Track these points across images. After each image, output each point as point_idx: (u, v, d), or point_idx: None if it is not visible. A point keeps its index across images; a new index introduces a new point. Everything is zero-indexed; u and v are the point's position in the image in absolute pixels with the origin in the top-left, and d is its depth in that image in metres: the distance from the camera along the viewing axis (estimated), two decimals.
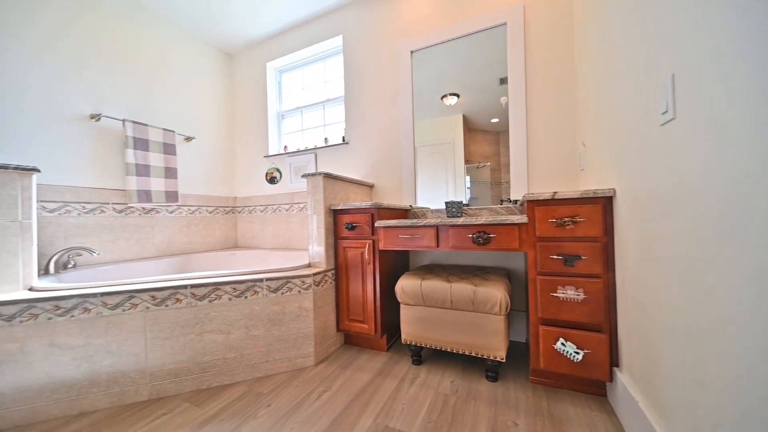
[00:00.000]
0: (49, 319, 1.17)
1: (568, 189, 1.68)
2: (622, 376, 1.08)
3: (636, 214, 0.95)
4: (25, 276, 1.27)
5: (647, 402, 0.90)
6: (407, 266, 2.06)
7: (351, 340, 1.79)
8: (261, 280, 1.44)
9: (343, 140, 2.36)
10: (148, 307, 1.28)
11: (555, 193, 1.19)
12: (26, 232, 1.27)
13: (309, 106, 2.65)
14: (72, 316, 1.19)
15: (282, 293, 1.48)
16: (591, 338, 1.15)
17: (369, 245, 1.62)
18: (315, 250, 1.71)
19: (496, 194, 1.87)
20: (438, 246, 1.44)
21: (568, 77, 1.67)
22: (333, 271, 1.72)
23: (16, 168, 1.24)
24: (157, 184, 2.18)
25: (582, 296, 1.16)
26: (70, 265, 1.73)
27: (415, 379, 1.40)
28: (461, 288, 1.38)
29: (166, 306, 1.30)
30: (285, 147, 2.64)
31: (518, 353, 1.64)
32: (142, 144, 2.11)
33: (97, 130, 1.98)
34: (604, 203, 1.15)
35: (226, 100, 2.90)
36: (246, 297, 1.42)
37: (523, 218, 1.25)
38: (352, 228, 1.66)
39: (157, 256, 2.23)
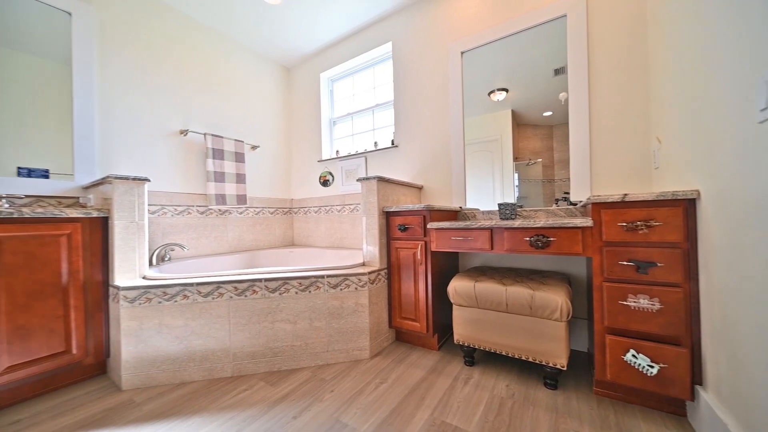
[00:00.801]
0: (159, 302, 1.42)
1: (637, 189, 1.55)
2: (706, 396, 0.98)
3: (726, 218, 0.86)
4: (140, 267, 1.55)
5: (739, 426, 0.82)
6: (457, 267, 2.06)
7: (402, 337, 1.86)
8: (322, 276, 1.58)
9: (392, 144, 2.44)
10: (231, 297, 1.48)
11: (625, 195, 1.12)
12: (141, 230, 1.55)
13: (359, 112, 2.78)
14: (175, 301, 1.43)
15: (341, 289, 1.60)
16: (668, 352, 1.06)
17: (421, 246, 1.66)
18: (369, 250, 1.81)
19: (548, 192, 1.79)
20: (492, 248, 1.44)
21: (638, 65, 1.54)
22: (386, 270, 1.80)
23: (135, 179, 1.52)
24: (230, 188, 2.47)
25: (657, 306, 1.08)
26: (166, 258, 2.06)
27: (468, 379, 1.42)
28: (518, 292, 1.36)
29: (245, 296, 1.50)
30: (337, 152, 2.80)
31: (579, 362, 1.57)
32: (218, 154, 2.41)
33: (184, 143, 2.31)
34: (686, 206, 1.05)
35: (284, 110, 3.16)
36: (310, 291, 1.56)
37: (587, 221, 1.20)
38: (404, 229, 1.73)
39: (230, 252, 2.53)
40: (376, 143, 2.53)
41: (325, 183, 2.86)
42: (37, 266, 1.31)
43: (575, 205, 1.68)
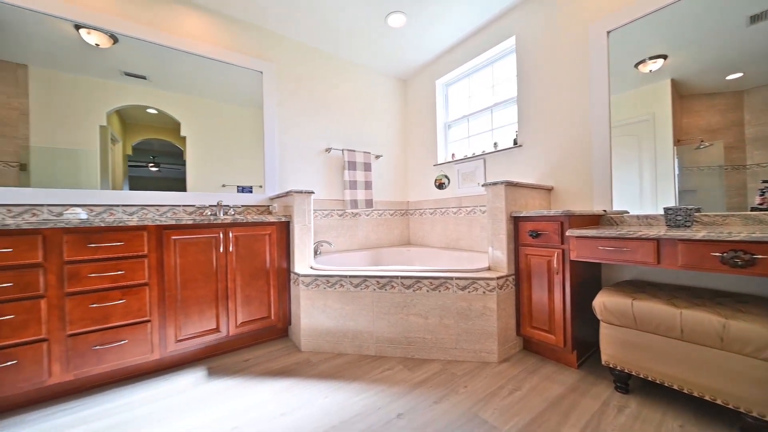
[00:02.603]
0: (324, 288, 1.82)
1: None
2: None
3: None
4: (309, 259, 2.02)
5: None
6: (598, 279, 1.82)
7: (532, 347, 1.78)
8: (451, 278, 1.68)
9: (515, 143, 2.33)
10: (374, 290, 1.76)
11: None
12: (309, 231, 2.02)
13: (475, 113, 2.76)
14: (334, 288, 1.81)
15: (468, 292, 1.67)
16: None
17: (558, 254, 1.56)
18: (495, 255, 1.81)
19: (734, 183, 1.37)
20: (658, 263, 1.23)
21: None
22: (514, 277, 1.76)
23: (306, 192, 1.99)
24: (360, 194, 2.88)
25: None
26: (318, 252, 2.59)
27: (623, 408, 1.27)
28: (700, 318, 1.12)
29: (386, 290, 1.75)
30: (452, 155, 2.86)
31: None
32: (352, 165, 2.84)
33: (327, 159, 2.83)
34: None
35: (402, 120, 3.43)
36: (439, 291, 1.70)
37: None
38: (536, 235, 1.65)
39: (359, 249, 2.95)
40: (496, 144, 2.47)
41: (440, 186, 2.97)
42: (254, 256, 1.89)
43: None
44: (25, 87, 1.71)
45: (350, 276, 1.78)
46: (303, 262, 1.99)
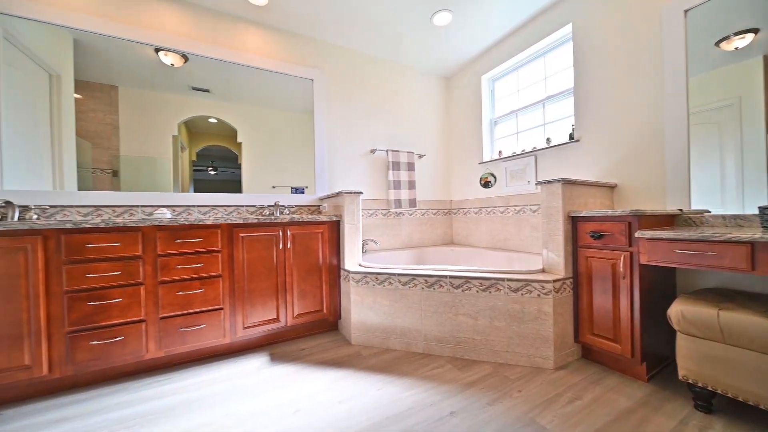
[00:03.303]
0: (373, 285, 1.89)
1: None
2: None
3: None
4: (357, 257, 2.10)
5: None
6: (672, 285, 1.65)
7: (593, 356, 1.67)
8: (503, 279, 1.64)
9: (571, 138, 2.19)
10: (422, 288, 1.79)
11: None
12: (358, 230, 2.10)
13: (524, 108, 2.63)
14: (383, 285, 1.87)
15: (521, 294, 1.62)
16: None
17: (624, 257, 1.44)
18: (549, 257, 1.72)
19: None
20: (753, 269, 1.08)
21: None
22: (571, 280, 1.67)
23: (355, 192, 2.07)
24: (404, 194, 2.92)
25: None
26: (364, 251, 2.67)
27: (705, 429, 1.14)
28: None
29: (434, 289, 1.77)
30: (499, 152, 2.77)
31: None
32: (396, 165, 2.89)
33: (372, 159, 2.91)
34: None
35: (444, 118, 3.40)
36: (490, 292, 1.67)
37: None
38: (598, 237, 1.55)
39: (402, 248, 2.99)
40: (548, 140, 2.34)
41: (486, 184, 2.89)
42: (308, 253, 2.02)
43: None
44: (116, 105, 2.01)
45: (399, 274, 1.83)
46: (352, 260, 2.08)
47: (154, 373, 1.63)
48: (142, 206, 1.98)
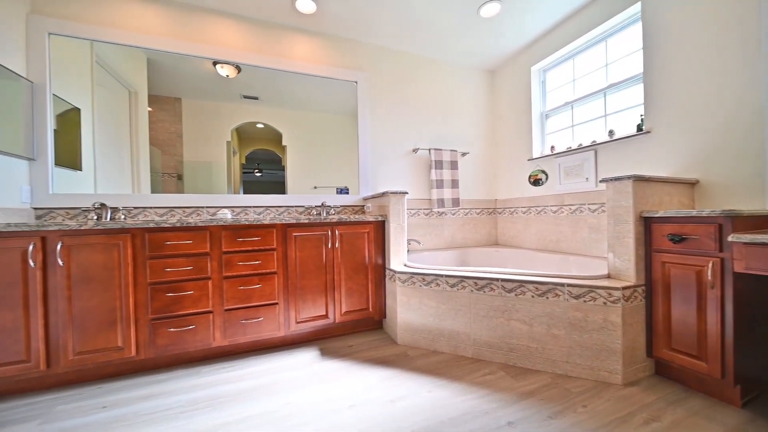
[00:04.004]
0: (420, 286, 1.87)
1: None
2: None
3: None
4: (402, 257, 2.10)
5: None
6: None
7: (669, 374, 1.50)
8: (563, 285, 1.53)
9: (639, 129, 1.97)
10: (472, 291, 1.73)
11: None
12: (403, 230, 2.10)
13: (582, 99, 2.43)
14: (430, 286, 1.85)
15: (584, 301, 1.50)
16: None
17: (714, 264, 1.27)
18: (616, 261, 1.57)
19: None
20: None
21: None
22: (643, 287, 1.51)
23: (401, 192, 2.07)
24: (447, 193, 2.86)
25: None
26: (406, 251, 2.66)
27: None
28: None
29: (484, 292, 1.70)
30: (552, 148, 2.59)
31: None
32: (438, 164, 2.84)
33: (414, 159, 2.89)
34: None
35: (489, 113, 3.26)
36: (547, 298, 1.56)
37: None
38: (678, 240, 1.38)
39: (445, 248, 2.93)
40: (611, 132, 2.13)
41: (536, 182, 2.72)
42: (355, 252, 2.06)
43: None
44: (180, 115, 2.22)
45: (447, 275, 1.79)
46: (397, 260, 2.08)
47: (220, 360, 1.78)
48: (207, 207, 2.17)
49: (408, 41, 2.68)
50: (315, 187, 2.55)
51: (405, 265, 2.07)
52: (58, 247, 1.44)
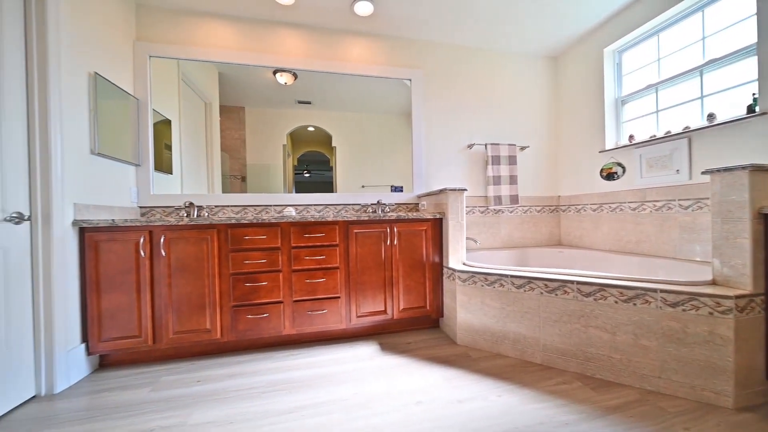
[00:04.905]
0: (482, 286, 1.81)
1: None
2: None
3: None
4: (461, 255, 2.05)
5: None
6: None
7: None
8: (655, 290, 1.36)
9: (751, 111, 1.67)
10: (541, 293, 1.62)
11: None
12: (462, 228, 2.05)
13: (670, 80, 2.13)
14: (493, 287, 1.77)
15: (683, 310, 1.31)
16: None
17: None
18: (725, 265, 1.35)
19: None
20: None
21: None
22: (763, 297, 1.27)
23: (459, 189, 2.02)
24: (504, 190, 2.72)
25: None
26: None
27: None
28: None
29: (556, 295, 1.59)
30: (630, 137, 2.31)
31: None
32: (495, 160, 2.71)
33: (469, 154, 2.79)
34: None
35: (551, 104, 3.03)
36: (635, 304, 1.40)
37: None
38: None
39: (502, 248, 2.79)
40: (711, 115, 1.84)
41: (609, 176, 2.46)
42: (412, 250, 2.07)
43: None
44: (243, 122, 2.41)
45: (512, 276, 1.70)
46: (456, 258, 2.03)
47: (289, 347, 1.91)
48: (273, 205, 2.34)
49: (462, 34, 2.60)
50: (363, 186, 2.60)
51: (464, 264, 2.02)
52: (162, 240, 1.67)
